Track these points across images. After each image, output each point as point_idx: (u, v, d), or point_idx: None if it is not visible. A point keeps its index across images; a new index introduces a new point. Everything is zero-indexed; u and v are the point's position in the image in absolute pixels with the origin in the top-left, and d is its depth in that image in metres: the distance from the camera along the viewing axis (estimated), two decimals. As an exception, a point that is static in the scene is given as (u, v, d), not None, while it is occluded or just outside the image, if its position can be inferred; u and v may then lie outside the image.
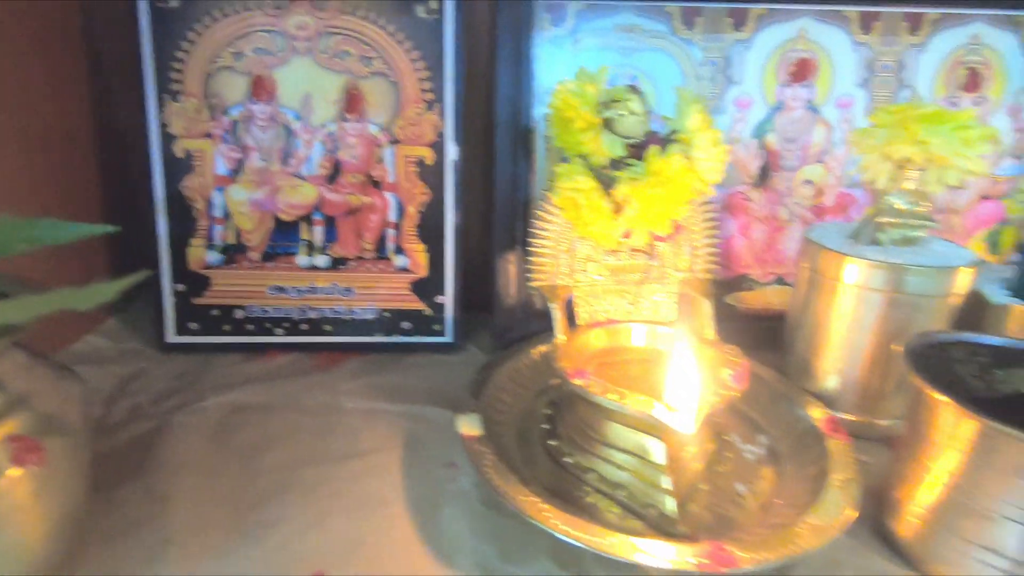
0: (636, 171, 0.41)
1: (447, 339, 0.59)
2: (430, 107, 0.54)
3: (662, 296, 0.49)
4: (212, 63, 0.52)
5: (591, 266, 0.48)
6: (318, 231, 0.56)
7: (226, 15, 0.51)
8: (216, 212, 0.55)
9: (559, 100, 0.44)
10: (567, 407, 0.45)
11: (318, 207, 0.56)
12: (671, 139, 0.44)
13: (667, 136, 0.45)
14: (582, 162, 0.44)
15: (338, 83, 0.54)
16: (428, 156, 0.55)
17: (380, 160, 0.55)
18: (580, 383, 0.39)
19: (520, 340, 0.56)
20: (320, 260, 0.56)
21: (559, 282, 0.48)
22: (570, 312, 0.48)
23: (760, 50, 0.56)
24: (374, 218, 0.56)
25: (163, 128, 0.53)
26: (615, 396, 0.38)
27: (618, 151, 0.44)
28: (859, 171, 0.47)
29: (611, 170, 0.45)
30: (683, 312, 0.48)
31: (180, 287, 0.55)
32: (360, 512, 0.38)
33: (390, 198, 0.56)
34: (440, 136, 0.55)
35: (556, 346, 0.45)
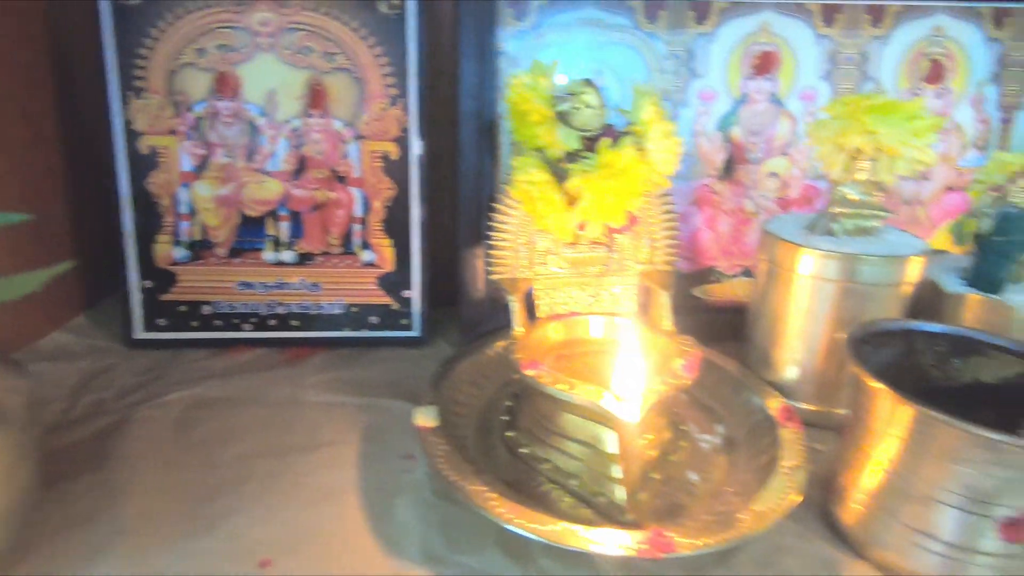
0: (588, 163, 0.42)
1: (415, 333, 0.59)
2: (394, 102, 0.55)
3: (621, 288, 0.49)
4: (175, 60, 0.52)
5: (551, 259, 0.48)
6: (284, 227, 0.56)
7: (189, 12, 0.52)
8: (182, 208, 0.55)
9: (514, 94, 0.44)
10: (526, 399, 0.46)
11: (284, 203, 0.56)
12: (627, 132, 0.45)
13: (624, 129, 0.45)
14: (537, 155, 0.45)
15: (302, 79, 0.54)
16: (393, 151, 0.56)
17: (345, 155, 0.56)
18: (532, 374, 0.40)
19: (488, 333, 0.57)
20: (287, 256, 0.57)
21: (519, 275, 0.48)
22: (532, 305, 0.48)
23: (723, 43, 0.56)
24: (340, 213, 0.57)
25: (127, 125, 0.53)
26: (564, 386, 0.38)
27: (573, 144, 0.44)
28: (815, 162, 0.47)
29: (567, 163, 0.45)
30: (642, 303, 0.49)
31: (147, 283, 0.56)
32: (313, 503, 0.38)
33: (356, 193, 0.56)
34: (405, 131, 0.55)
35: (514, 338, 0.45)
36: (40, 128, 0.56)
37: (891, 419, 0.33)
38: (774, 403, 0.45)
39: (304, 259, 0.57)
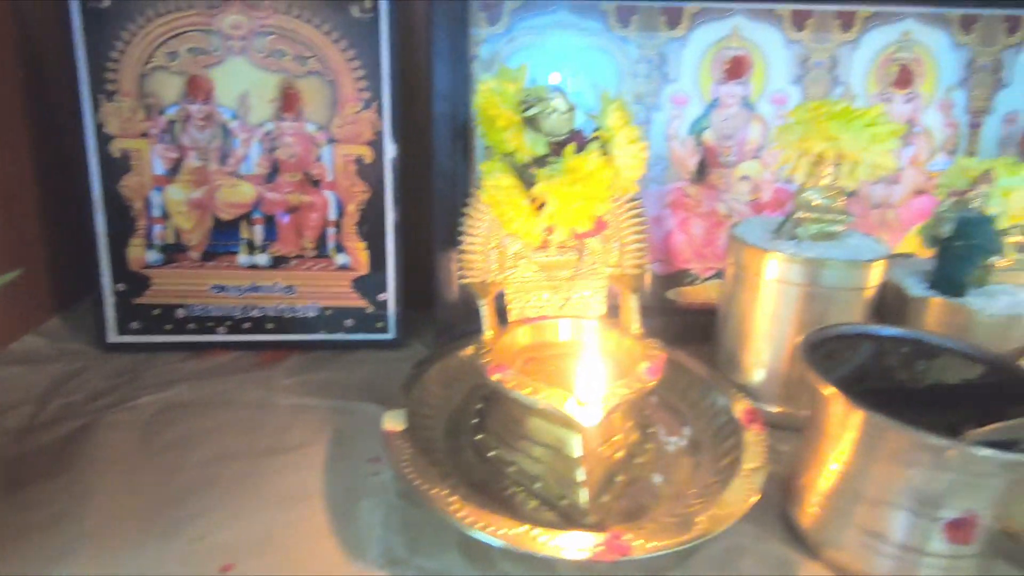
0: (554, 169, 0.42)
1: (390, 336, 0.59)
2: (367, 106, 0.55)
3: (591, 291, 0.49)
4: (146, 63, 0.52)
5: (521, 263, 0.49)
6: (258, 230, 0.56)
7: (159, 15, 0.52)
8: (155, 212, 0.55)
9: (482, 99, 0.44)
10: (495, 402, 0.46)
11: (257, 206, 0.56)
12: (594, 137, 0.45)
13: (591, 135, 0.46)
14: (506, 159, 0.45)
15: (274, 82, 0.54)
16: (367, 154, 0.56)
17: (318, 159, 0.56)
18: (497, 378, 0.40)
19: (462, 336, 0.57)
20: (261, 259, 0.57)
21: (489, 279, 0.48)
22: (504, 308, 0.48)
23: (695, 48, 0.57)
24: (314, 216, 0.57)
25: (99, 128, 0.53)
26: (528, 391, 0.38)
27: (541, 149, 0.44)
28: (781, 166, 0.48)
29: (535, 167, 0.45)
30: (613, 306, 0.49)
31: (120, 287, 0.56)
32: (278, 507, 0.38)
33: (329, 196, 0.56)
34: (378, 134, 0.55)
35: (484, 342, 0.45)
36: (11, 131, 0.56)
37: (843, 423, 0.33)
38: (739, 405, 0.45)
39: (278, 262, 0.57)
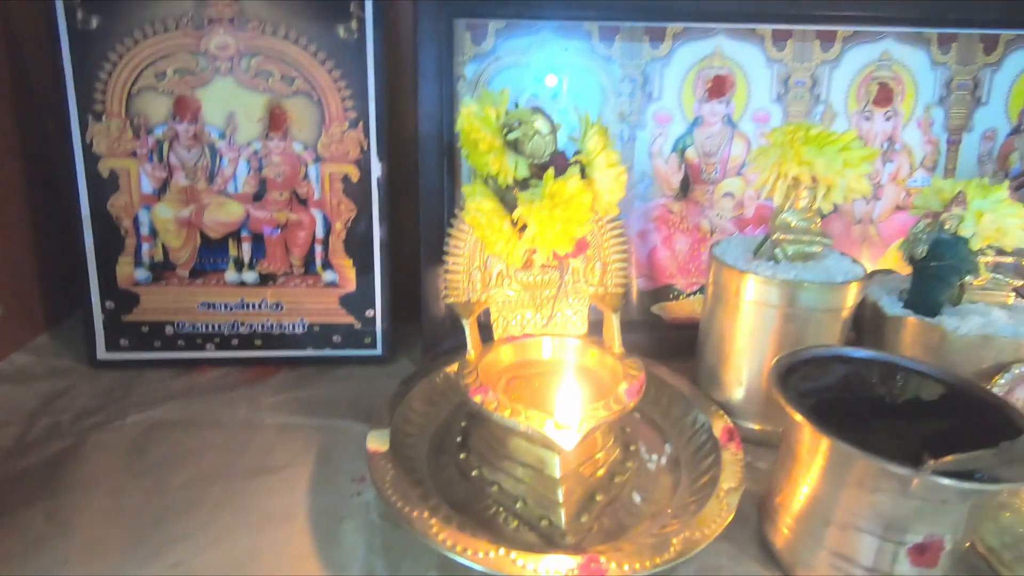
0: (534, 193, 0.43)
1: (377, 352, 0.60)
2: (354, 125, 0.55)
3: (573, 310, 0.50)
4: (134, 83, 0.53)
5: (505, 282, 0.49)
6: (246, 248, 0.57)
7: (146, 36, 0.52)
8: (143, 230, 0.55)
9: (464, 122, 0.45)
10: (479, 421, 0.47)
11: (245, 224, 0.56)
12: (575, 161, 0.46)
13: (572, 158, 0.46)
14: (488, 182, 0.46)
15: (261, 102, 0.54)
16: (353, 173, 0.56)
17: (305, 177, 0.56)
18: (478, 399, 0.41)
19: (448, 352, 0.58)
20: (249, 276, 0.57)
21: (473, 298, 0.49)
22: (489, 324, 0.49)
23: (678, 67, 0.57)
24: (301, 234, 0.57)
25: (88, 147, 0.53)
26: (508, 413, 0.39)
27: (523, 172, 0.45)
28: (757, 188, 0.49)
29: (518, 190, 0.46)
30: (595, 323, 0.50)
31: (109, 304, 0.56)
32: (261, 527, 0.39)
33: (317, 215, 0.57)
34: (364, 153, 0.56)
35: (467, 362, 0.46)
36: (1, 151, 0.56)
37: (813, 449, 0.34)
38: (719, 423, 0.46)
39: (266, 279, 0.58)
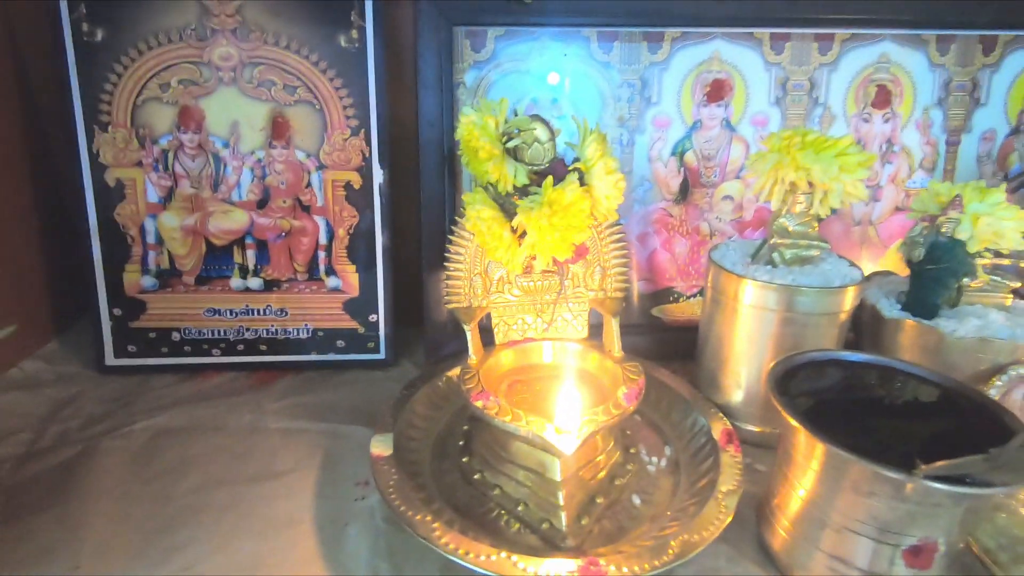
0: (533, 200, 0.43)
1: (381, 356, 0.60)
2: (355, 133, 0.56)
3: (573, 315, 0.50)
4: (139, 94, 0.54)
5: (506, 287, 0.50)
6: (251, 254, 0.58)
7: (151, 47, 0.53)
8: (149, 238, 0.56)
9: (464, 131, 0.45)
10: (481, 425, 0.47)
11: (250, 231, 0.57)
12: (574, 168, 0.46)
13: (571, 165, 0.47)
14: (488, 190, 0.46)
15: (264, 111, 0.55)
16: (355, 180, 0.57)
17: (308, 185, 0.57)
18: (480, 405, 0.41)
19: (450, 356, 0.58)
20: (254, 283, 0.58)
21: (474, 303, 0.50)
22: (490, 327, 0.50)
23: (676, 71, 0.58)
24: (305, 241, 0.58)
25: (94, 157, 0.54)
26: (509, 418, 0.40)
27: (522, 179, 0.46)
28: (755, 193, 0.49)
29: (518, 197, 0.46)
30: (595, 326, 0.50)
31: (117, 311, 0.57)
32: (267, 533, 0.40)
33: (320, 221, 0.58)
34: (366, 160, 0.57)
35: (468, 366, 0.47)
36: (8, 161, 0.57)
37: (809, 453, 0.34)
38: (718, 426, 0.47)
39: (271, 286, 0.58)
